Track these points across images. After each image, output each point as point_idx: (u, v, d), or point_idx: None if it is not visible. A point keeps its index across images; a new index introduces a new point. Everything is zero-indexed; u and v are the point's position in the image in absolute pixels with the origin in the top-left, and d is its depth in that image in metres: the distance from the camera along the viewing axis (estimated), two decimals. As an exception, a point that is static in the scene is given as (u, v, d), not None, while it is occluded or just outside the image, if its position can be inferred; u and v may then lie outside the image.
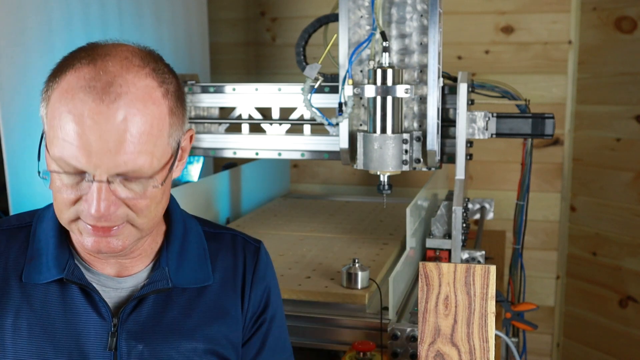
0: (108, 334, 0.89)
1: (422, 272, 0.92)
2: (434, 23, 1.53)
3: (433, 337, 0.91)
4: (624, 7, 2.35)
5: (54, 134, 0.81)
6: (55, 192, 0.84)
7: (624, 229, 2.43)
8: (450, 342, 0.91)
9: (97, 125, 0.78)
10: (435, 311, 0.91)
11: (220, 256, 1.01)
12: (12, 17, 1.54)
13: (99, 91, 0.79)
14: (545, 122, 1.58)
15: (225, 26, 2.94)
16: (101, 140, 0.78)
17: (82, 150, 0.79)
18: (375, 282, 1.44)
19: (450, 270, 0.91)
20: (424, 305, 0.92)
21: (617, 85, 2.41)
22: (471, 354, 0.90)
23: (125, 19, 2.02)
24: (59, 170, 0.81)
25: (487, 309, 0.90)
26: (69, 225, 0.86)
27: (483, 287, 0.90)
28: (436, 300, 0.91)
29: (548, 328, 2.69)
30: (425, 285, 0.92)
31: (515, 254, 1.88)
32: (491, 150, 2.61)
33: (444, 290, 0.91)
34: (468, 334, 0.90)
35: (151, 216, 0.87)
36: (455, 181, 1.56)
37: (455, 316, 0.91)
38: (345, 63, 1.58)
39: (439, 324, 0.91)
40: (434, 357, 0.91)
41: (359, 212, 2.24)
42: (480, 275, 0.90)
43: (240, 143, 1.89)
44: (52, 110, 0.81)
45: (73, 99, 0.79)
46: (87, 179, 0.80)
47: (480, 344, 0.90)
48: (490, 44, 2.62)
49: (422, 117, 1.60)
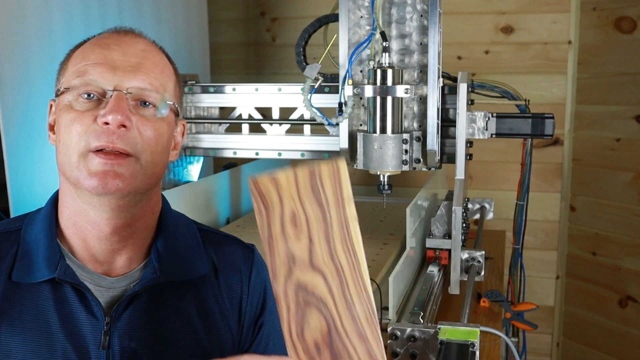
0: (101, 332, 0.89)
1: (255, 191, 0.72)
2: (434, 23, 1.53)
3: (288, 268, 0.72)
4: (624, 7, 2.35)
5: (76, 66, 0.89)
6: (68, 124, 0.86)
7: (624, 229, 2.43)
8: (310, 268, 0.72)
9: (121, 49, 0.89)
10: (283, 235, 0.72)
11: (214, 253, 1.01)
12: (12, 17, 1.54)
13: (120, 32, 0.93)
14: (545, 122, 1.58)
15: (225, 26, 2.94)
16: (124, 58, 0.88)
17: (106, 67, 0.87)
18: (375, 282, 1.44)
19: (290, 180, 0.71)
20: (267, 233, 0.72)
21: (617, 85, 2.41)
22: (339, 274, 0.72)
23: (126, 19, 2.02)
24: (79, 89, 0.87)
25: (347, 215, 0.72)
26: (78, 163, 0.85)
27: (335, 189, 0.72)
28: (281, 222, 0.72)
29: (548, 328, 2.69)
30: (263, 207, 0.72)
31: (515, 254, 1.88)
32: (491, 150, 2.61)
33: (289, 207, 0.72)
34: (330, 252, 0.72)
35: (153, 157, 0.89)
36: (455, 181, 1.56)
37: (309, 235, 0.72)
38: (345, 63, 1.58)
39: (291, 250, 0.72)
40: (295, 291, 0.72)
41: (359, 212, 2.22)
42: (330, 176, 0.72)
43: (240, 143, 1.90)
44: (74, 60, 0.91)
45: (97, 39, 0.92)
46: (107, 96, 0.86)
47: (347, 259, 0.72)
48: (490, 44, 2.62)
49: (422, 117, 1.60)
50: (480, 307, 1.68)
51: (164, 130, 0.91)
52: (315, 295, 0.72)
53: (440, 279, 1.60)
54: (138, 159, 0.87)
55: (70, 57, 0.92)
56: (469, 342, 1.20)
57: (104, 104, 0.85)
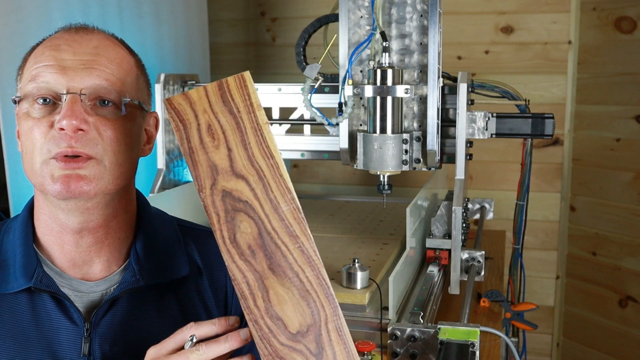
0: (81, 339, 0.88)
1: (171, 109, 0.78)
2: (434, 23, 1.53)
3: (212, 177, 0.77)
4: (624, 7, 2.35)
5: (29, 70, 0.86)
6: (28, 133, 0.85)
7: (624, 229, 2.43)
8: (233, 175, 0.77)
9: (72, 49, 0.85)
10: (203, 147, 0.77)
11: (197, 250, 1.00)
12: (12, 18, 1.54)
13: (72, 32, 0.88)
14: (545, 122, 1.58)
15: (225, 26, 2.94)
16: (75, 58, 0.85)
17: (57, 68, 0.84)
18: (375, 282, 1.44)
19: (202, 94, 0.78)
20: (187, 147, 0.77)
21: (617, 85, 2.41)
22: (260, 177, 0.77)
23: (125, 19, 2.02)
24: (34, 95, 0.85)
25: (258, 120, 0.78)
26: (41, 170, 0.84)
27: (244, 98, 0.78)
28: (199, 135, 0.77)
29: (548, 328, 2.70)
30: (180, 124, 0.77)
31: (515, 254, 1.88)
32: (491, 150, 2.61)
33: (204, 120, 0.77)
34: (249, 157, 0.77)
35: (117, 157, 0.86)
36: (455, 181, 1.56)
37: (227, 144, 0.77)
38: (345, 63, 1.58)
39: (212, 160, 0.77)
40: (221, 199, 0.77)
41: (359, 212, 2.24)
42: (237, 88, 0.79)
43: (240, 143, 1.89)
44: (28, 64, 0.88)
45: (50, 40, 0.88)
46: (62, 100, 0.83)
47: (266, 162, 0.77)
48: (490, 44, 2.62)
49: (422, 117, 1.60)
50: (480, 307, 1.68)
51: (127, 128, 0.88)
52: (242, 200, 0.77)
53: (440, 279, 1.60)
54: (101, 161, 0.85)
55: (26, 60, 0.89)
56: (469, 342, 1.20)
57: (59, 109, 0.83)
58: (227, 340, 0.78)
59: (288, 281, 0.77)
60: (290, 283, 0.77)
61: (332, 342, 0.77)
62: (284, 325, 0.77)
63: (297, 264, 0.77)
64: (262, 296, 0.77)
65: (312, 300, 0.77)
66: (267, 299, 0.77)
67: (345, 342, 0.77)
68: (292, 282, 0.77)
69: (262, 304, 0.77)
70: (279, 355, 0.76)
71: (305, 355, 0.76)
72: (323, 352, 0.77)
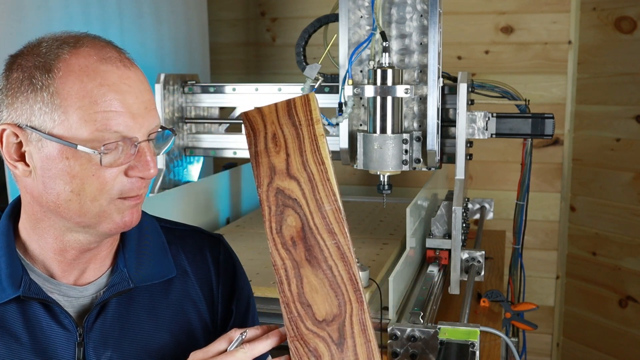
0: (74, 344, 0.87)
1: (246, 120, 0.90)
2: (434, 23, 1.53)
3: (270, 176, 0.89)
4: (624, 7, 2.35)
5: (86, 112, 0.79)
6: (91, 178, 0.81)
7: (624, 229, 2.43)
8: (287, 176, 0.88)
9: (131, 89, 0.83)
10: (266, 151, 0.89)
11: (181, 249, 1.00)
12: (12, 18, 1.54)
13: (115, 60, 0.83)
14: (545, 122, 1.58)
15: (225, 26, 2.94)
16: (138, 100, 0.83)
17: (128, 115, 0.81)
18: (375, 282, 1.44)
19: (272, 109, 0.91)
20: (253, 150, 0.90)
21: (617, 85, 2.41)
22: (310, 180, 0.88)
23: (125, 19, 2.02)
24: (103, 141, 0.80)
25: (315, 132, 0.89)
26: (108, 208, 0.83)
27: (306, 114, 0.90)
28: (264, 141, 0.90)
29: (548, 328, 2.70)
30: (251, 131, 0.90)
31: (515, 254, 1.89)
32: (491, 150, 2.61)
33: (270, 130, 0.90)
34: (303, 162, 0.88)
35: None
36: (455, 181, 1.56)
37: (286, 150, 0.89)
38: (345, 63, 1.58)
39: (272, 163, 0.89)
40: (275, 195, 0.88)
41: (359, 212, 2.24)
42: (301, 105, 0.91)
43: (240, 143, 1.90)
44: (73, 93, 0.80)
45: (96, 73, 0.81)
46: (134, 143, 0.82)
47: (317, 168, 0.88)
48: (490, 44, 2.62)
49: (422, 117, 1.60)
50: (480, 307, 1.68)
51: None
52: (292, 198, 0.88)
53: (440, 279, 1.60)
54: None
55: (57, 78, 0.81)
56: (469, 342, 1.20)
57: (130, 155, 0.82)
58: (268, 337, 0.84)
59: (321, 273, 0.86)
60: (323, 275, 0.86)
61: (354, 334, 0.84)
62: (312, 312, 0.85)
63: (331, 258, 0.86)
64: (296, 283, 0.85)
65: (341, 293, 0.85)
66: (300, 286, 0.85)
67: (367, 336, 0.84)
68: (325, 274, 0.86)
69: (296, 290, 0.85)
70: (303, 339, 0.84)
71: (327, 342, 0.84)
72: (344, 342, 0.84)
